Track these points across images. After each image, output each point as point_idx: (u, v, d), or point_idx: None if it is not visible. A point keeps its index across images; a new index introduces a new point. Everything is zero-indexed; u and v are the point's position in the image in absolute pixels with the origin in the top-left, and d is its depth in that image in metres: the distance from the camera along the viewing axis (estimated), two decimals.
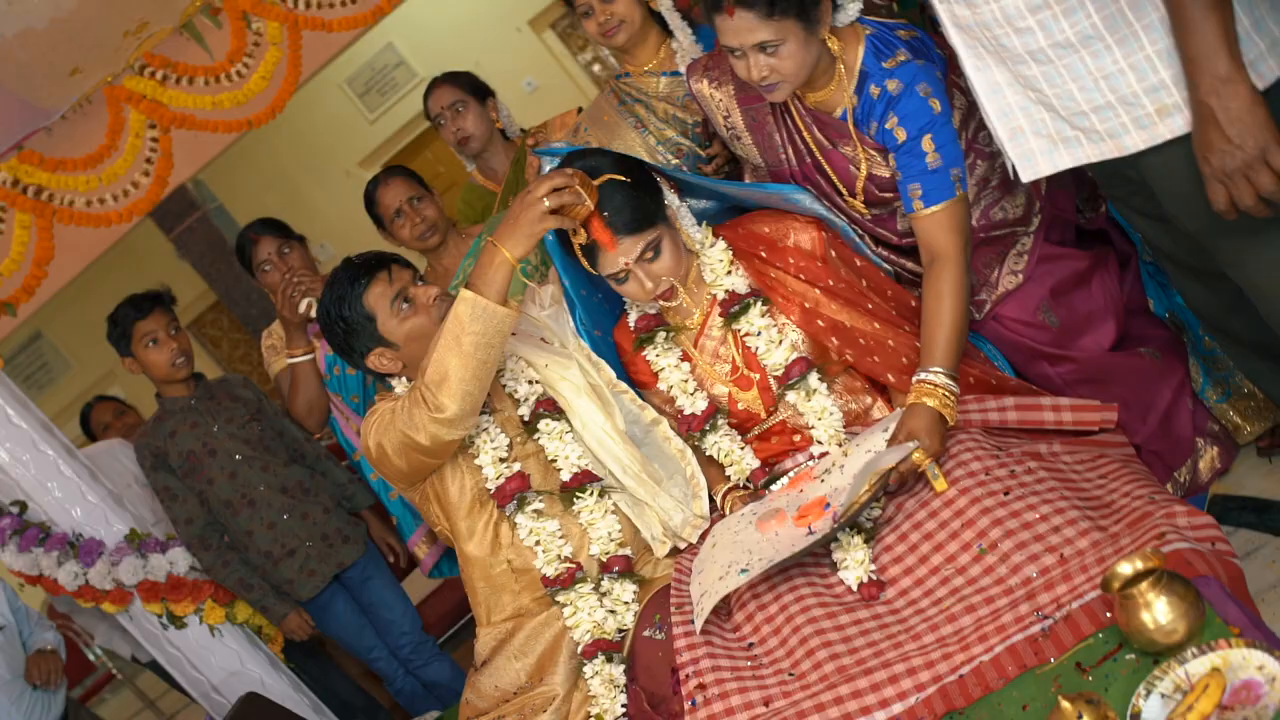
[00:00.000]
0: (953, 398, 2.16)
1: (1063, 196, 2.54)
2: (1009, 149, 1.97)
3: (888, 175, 2.36)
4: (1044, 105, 1.89)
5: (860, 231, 2.49)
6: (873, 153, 2.35)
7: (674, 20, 2.91)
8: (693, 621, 2.16)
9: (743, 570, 2.08)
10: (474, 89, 3.60)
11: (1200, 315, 2.27)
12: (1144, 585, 1.60)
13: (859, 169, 2.38)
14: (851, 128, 2.33)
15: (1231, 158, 1.68)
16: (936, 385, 2.15)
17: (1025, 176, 1.98)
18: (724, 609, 2.17)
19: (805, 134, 2.41)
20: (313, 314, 3.32)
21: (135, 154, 4.05)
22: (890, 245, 2.53)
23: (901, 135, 2.23)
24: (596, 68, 10.37)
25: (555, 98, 9.52)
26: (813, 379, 2.34)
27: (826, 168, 2.42)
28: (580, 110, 3.58)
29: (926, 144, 2.22)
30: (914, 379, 2.19)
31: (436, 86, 3.62)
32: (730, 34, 2.17)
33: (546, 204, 2.16)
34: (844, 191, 2.44)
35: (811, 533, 2.09)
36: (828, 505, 2.14)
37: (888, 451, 2.07)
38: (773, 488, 2.36)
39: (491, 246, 2.18)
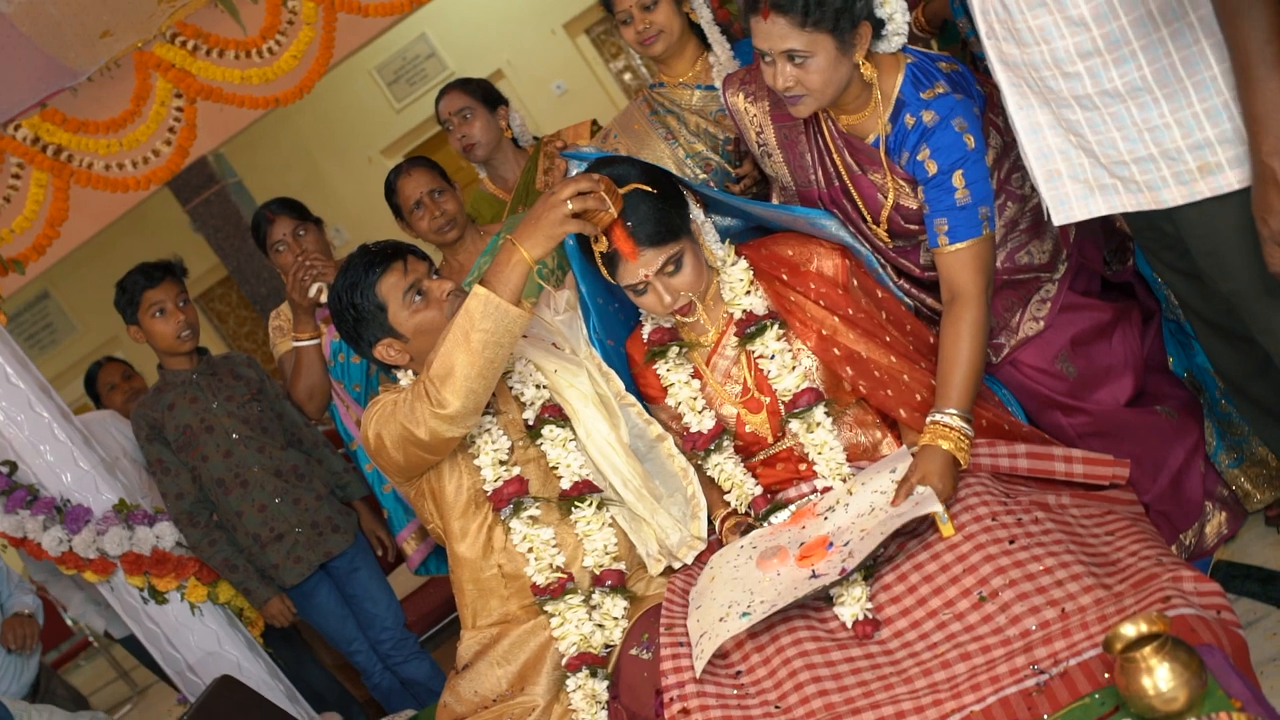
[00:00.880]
0: (967, 441, 2.13)
1: (1091, 246, 2.51)
2: (1044, 191, 1.95)
3: (915, 207, 2.33)
4: (1084, 150, 1.87)
5: (883, 261, 2.46)
6: (902, 183, 2.32)
7: (713, 34, 2.90)
8: (681, 644, 2.13)
9: (744, 614, 2.05)
10: (484, 96, 3.59)
11: (1223, 376, 2.24)
12: (1147, 650, 1.57)
13: (886, 197, 2.35)
14: (883, 155, 2.30)
15: None
16: (951, 428, 2.13)
17: (1058, 220, 1.95)
18: None
19: (836, 157, 2.39)
20: (322, 299, 3.30)
21: (159, 122, 4.04)
22: (912, 278, 2.50)
23: (932, 168, 2.20)
24: (628, 76, 10.38)
25: (583, 103, 9.54)
26: (818, 412, 2.31)
27: (854, 192, 2.40)
28: (595, 122, 3.59)
29: (957, 180, 2.19)
30: (929, 419, 2.16)
31: (447, 92, 3.62)
32: (762, 37, 2.16)
33: (570, 207, 2.12)
34: (869, 218, 2.41)
35: (815, 576, 2.05)
36: (830, 545, 2.11)
37: (908, 510, 2.02)
38: (773, 519, 2.32)
39: (509, 245, 2.15)
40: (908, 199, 2.34)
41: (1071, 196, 1.92)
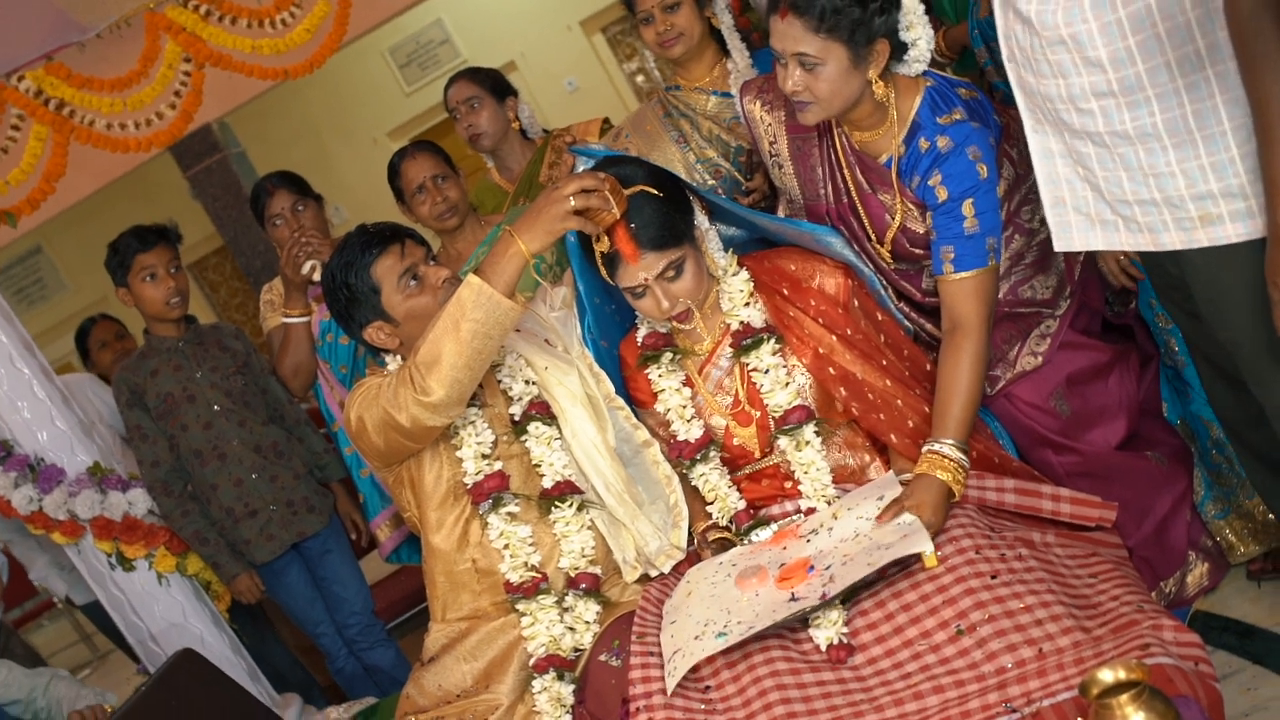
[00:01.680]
0: (963, 472, 2.12)
1: (1094, 287, 2.49)
2: (1050, 215, 1.95)
3: (921, 232, 2.31)
4: (1090, 185, 1.87)
5: (884, 282, 2.44)
6: (910, 205, 2.30)
7: (733, 41, 2.89)
8: (652, 653, 2.10)
9: (719, 634, 2.02)
10: (493, 86, 3.57)
11: (1223, 420, 2.22)
12: (1124, 697, 1.54)
13: (893, 218, 2.33)
14: (894, 176, 2.28)
15: None
16: (948, 458, 2.12)
17: (1058, 246, 1.95)
18: None
19: (846, 172, 2.37)
20: (315, 277, 3.29)
21: (165, 85, 4.00)
22: (912, 302, 2.48)
23: (943, 194, 2.19)
24: (640, 79, 10.36)
25: (594, 101, 9.52)
26: (808, 430, 2.28)
27: (861, 210, 2.38)
28: (606, 120, 3.57)
29: (967, 208, 2.17)
30: (925, 448, 2.15)
31: (456, 80, 3.61)
32: (778, 37, 2.16)
33: (572, 203, 2.10)
34: (874, 237, 2.39)
35: (794, 599, 2.03)
36: (811, 568, 2.08)
37: (896, 546, 2.00)
38: (755, 535, 2.29)
39: (508, 236, 2.12)
40: (915, 222, 2.32)
41: (1073, 226, 1.92)
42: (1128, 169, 1.79)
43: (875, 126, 2.28)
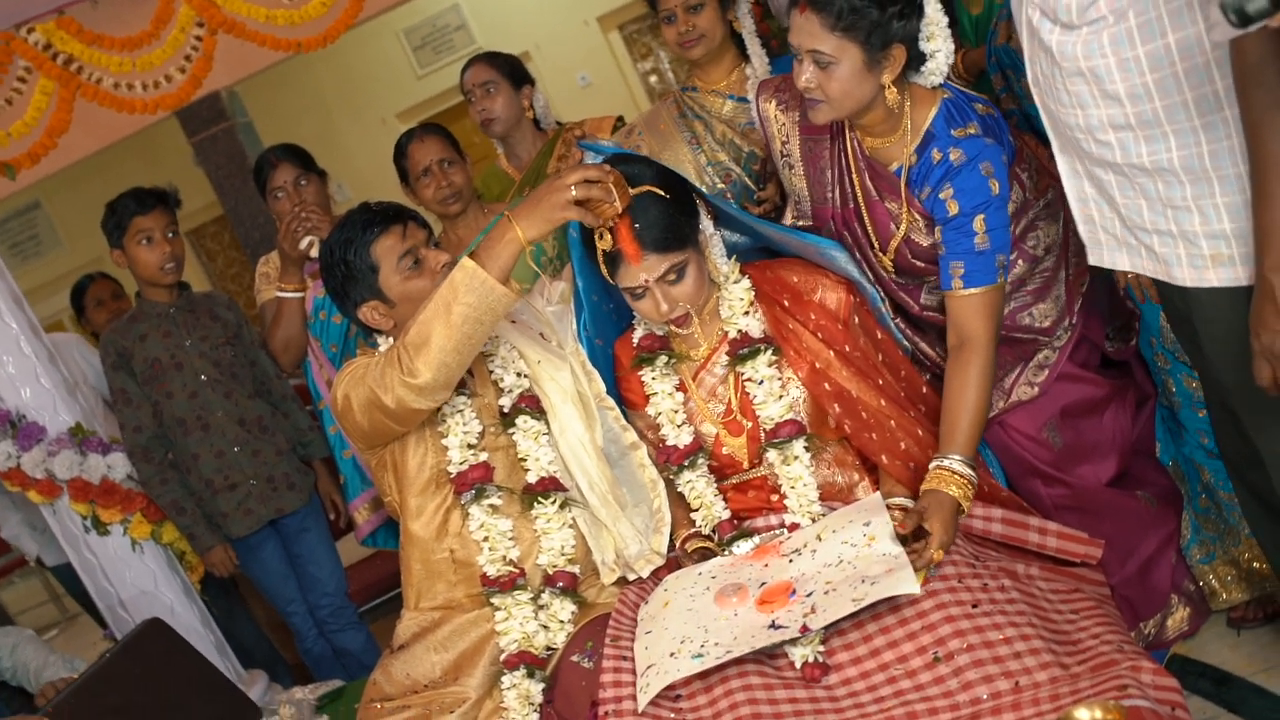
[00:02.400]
0: (971, 488, 2.10)
1: (1095, 321, 2.47)
2: (1083, 230, 1.95)
3: (925, 245, 2.29)
4: (1114, 209, 1.86)
5: (883, 294, 2.42)
6: (917, 216, 2.28)
7: (753, 46, 2.88)
8: (625, 658, 2.09)
9: (696, 656, 1.99)
10: (511, 72, 3.54)
11: (1226, 458, 2.22)
12: None
13: (899, 228, 2.31)
14: (903, 186, 2.27)
15: None
16: (958, 474, 2.10)
17: (1092, 260, 1.95)
18: None
19: (855, 178, 2.35)
20: (312, 253, 3.26)
21: (176, 48, 3.96)
22: (908, 316, 2.45)
23: (953, 208, 2.17)
24: (654, 79, 10.35)
25: (606, 98, 9.49)
26: (798, 445, 2.26)
27: (866, 217, 2.36)
28: (620, 119, 3.54)
29: (978, 224, 2.16)
30: (933, 464, 2.12)
31: (474, 63, 3.57)
32: (795, 32, 2.15)
33: (573, 192, 2.07)
34: (876, 245, 2.37)
35: (775, 627, 2.00)
36: (793, 593, 2.05)
37: (882, 582, 1.97)
38: (737, 547, 2.27)
39: (506, 222, 2.10)
40: (919, 234, 2.30)
41: (1103, 245, 1.93)
42: (1147, 198, 1.79)
43: (887, 134, 2.26)
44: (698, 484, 2.34)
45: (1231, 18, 1.35)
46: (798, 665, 1.98)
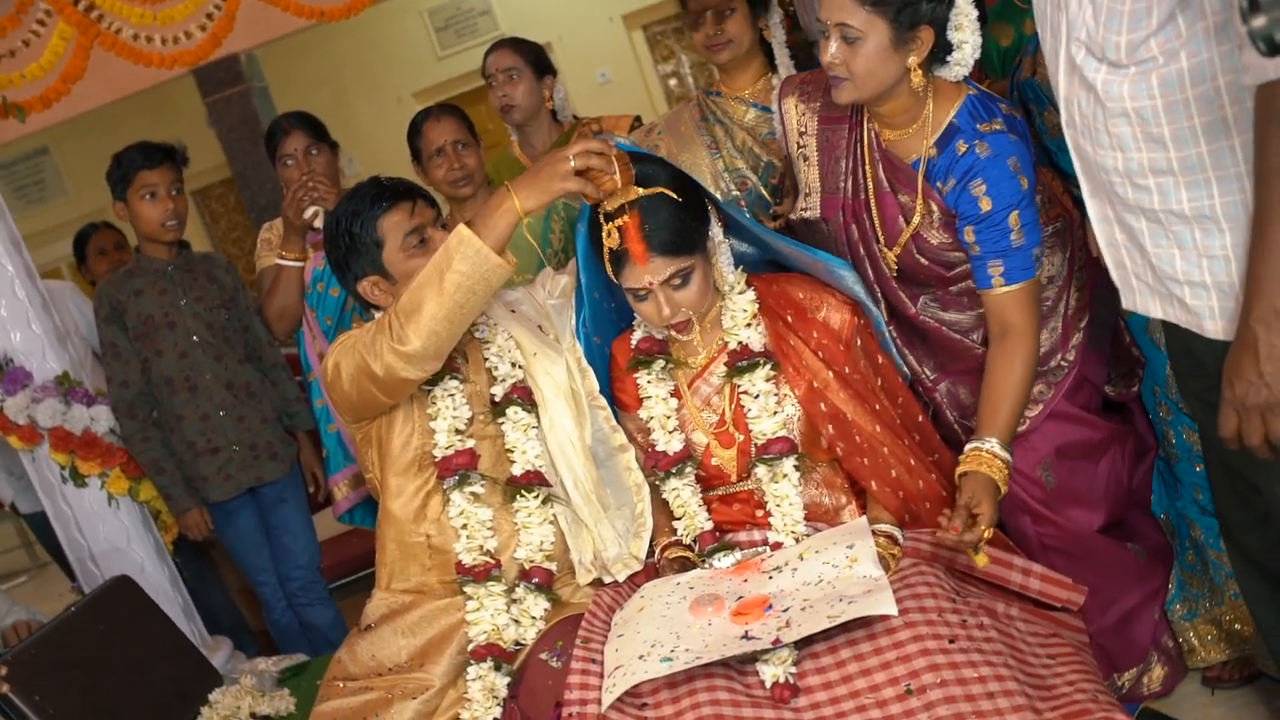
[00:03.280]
0: (1008, 470, 2.11)
1: (1096, 362, 2.45)
2: (1115, 275, 1.92)
3: (934, 242, 2.28)
4: (1144, 257, 1.83)
5: (880, 295, 2.40)
6: (933, 208, 2.25)
7: (781, 56, 2.87)
8: (594, 660, 2.06)
9: (665, 659, 1.97)
10: (534, 61, 3.52)
11: (1221, 518, 2.19)
12: None
13: (909, 222, 2.29)
14: (921, 178, 2.25)
15: (1256, 393, 1.60)
16: (997, 457, 2.11)
17: (1126, 304, 1.92)
18: None
19: (869, 169, 2.34)
20: (317, 223, 3.24)
21: (198, 5, 3.93)
22: (902, 319, 2.42)
23: (986, 205, 2.16)
24: (673, 82, 10.34)
25: (624, 96, 9.48)
26: (788, 463, 2.24)
27: (874, 210, 2.34)
28: (637, 118, 3.53)
29: (1013, 220, 2.15)
30: (970, 446, 2.13)
31: (499, 47, 3.54)
32: (825, 7, 2.15)
33: (573, 163, 2.06)
34: (882, 239, 2.35)
35: (747, 637, 1.97)
36: (769, 607, 2.03)
37: (860, 601, 1.95)
38: (717, 559, 2.24)
39: (504, 191, 2.09)
40: (930, 230, 2.28)
41: (1135, 290, 1.89)
42: (1181, 247, 1.75)
43: (906, 125, 2.25)
44: (683, 492, 2.32)
45: (1261, 46, 1.33)
46: (768, 685, 1.95)
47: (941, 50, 2.16)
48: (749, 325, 2.29)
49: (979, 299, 2.30)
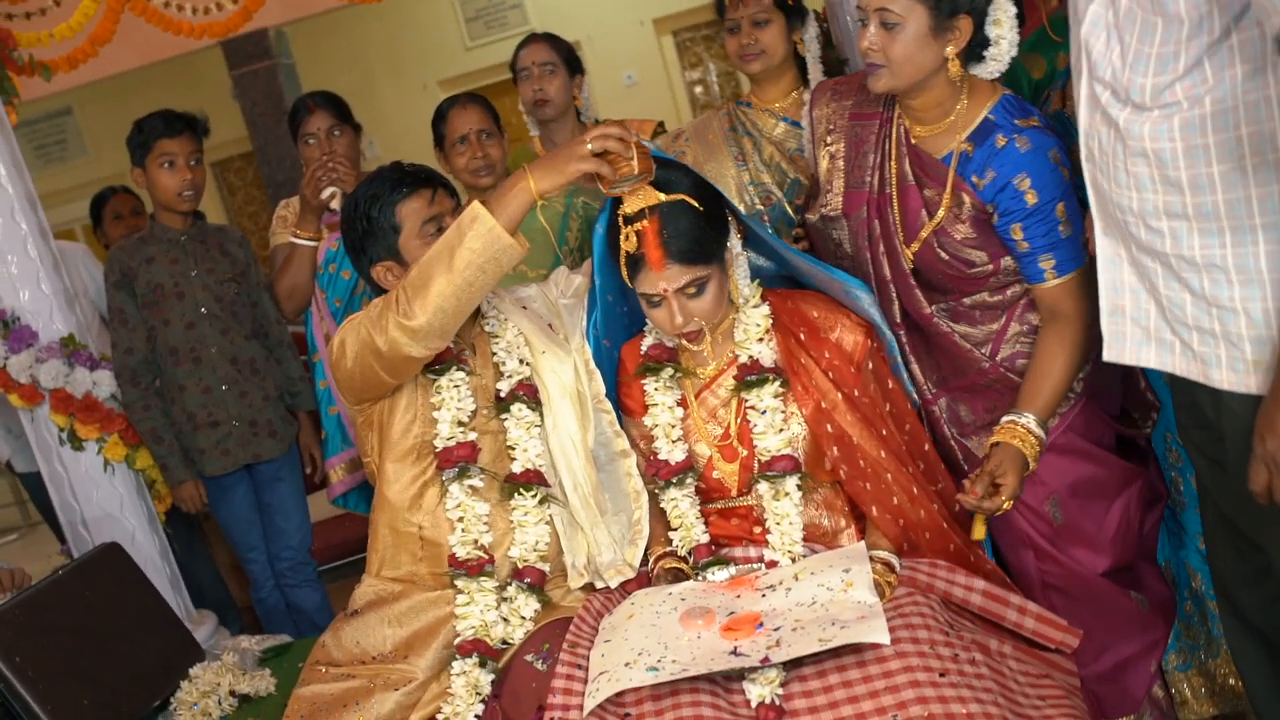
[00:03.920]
0: (1040, 447, 2.15)
1: (1109, 394, 2.41)
2: (1105, 323, 1.90)
3: (957, 238, 2.26)
4: (1154, 299, 1.81)
5: (895, 294, 2.37)
6: (964, 200, 2.23)
7: (814, 71, 2.86)
8: (580, 666, 2.04)
9: (651, 669, 1.95)
10: (568, 59, 3.51)
11: (1217, 575, 2.17)
12: None
13: (931, 216, 2.28)
14: (951, 171, 2.25)
15: None
16: (1031, 433, 2.15)
17: (1108, 356, 1.91)
18: None
19: (894, 164, 2.33)
20: (334, 205, 3.24)
21: None
22: (913, 324, 2.40)
23: (1033, 199, 2.16)
24: (699, 90, 10.32)
25: (648, 100, 9.48)
26: (790, 481, 2.22)
27: (896, 204, 2.34)
28: (661, 124, 3.52)
29: (1060, 211, 2.16)
30: (1006, 418, 2.18)
31: (535, 41, 3.52)
32: None
33: (590, 147, 2.06)
34: (902, 235, 2.34)
35: (736, 654, 1.96)
36: (760, 625, 2.01)
37: (852, 627, 1.93)
38: (710, 573, 2.22)
39: (521, 172, 2.09)
40: (954, 225, 2.26)
41: (1127, 337, 1.88)
42: (1191, 293, 1.74)
43: (938, 120, 2.26)
44: (682, 503, 2.30)
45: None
46: (753, 704, 1.93)
47: (978, 45, 2.18)
48: (761, 340, 2.27)
49: (990, 314, 2.30)
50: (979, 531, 2.08)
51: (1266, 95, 1.57)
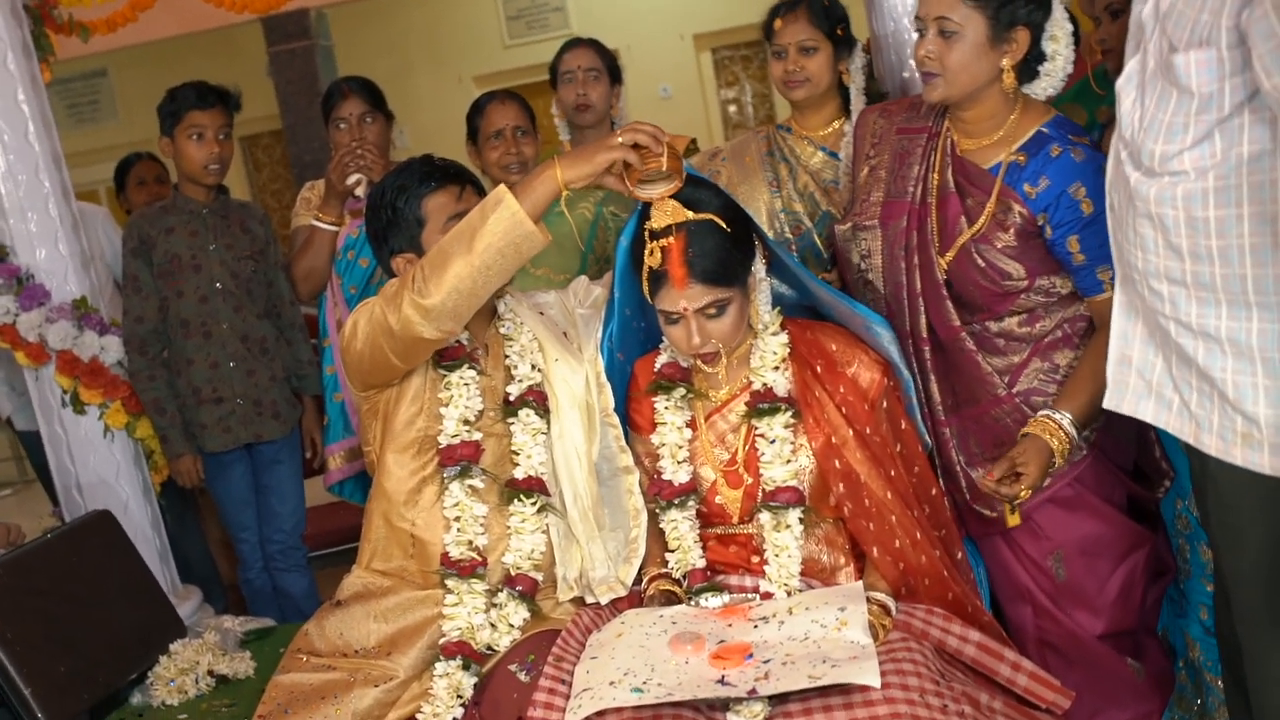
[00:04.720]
0: (1070, 445, 2.17)
1: (1122, 449, 2.37)
2: (1111, 370, 1.90)
3: (998, 245, 2.24)
4: (1162, 354, 1.79)
5: (923, 307, 2.34)
6: (1012, 206, 2.22)
7: (858, 102, 2.83)
8: (564, 681, 2.01)
9: (635, 690, 1.92)
10: (610, 66, 3.50)
11: (1222, 642, 2.14)
12: None
13: (971, 224, 2.27)
14: (999, 181, 2.24)
15: None
16: (1065, 431, 2.16)
17: (1108, 403, 1.90)
18: None
19: (937, 175, 2.33)
20: (358, 192, 3.24)
21: None
22: (937, 342, 2.35)
23: (1089, 208, 2.16)
24: (733, 108, 10.32)
25: (682, 115, 9.48)
26: (793, 514, 2.19)
27: (935, 215, 2.33)
28: (694, 141, 3.50)
29: None
30: (1042, 413, 2.19)
31: (581, 45, 3.50)
32: (924, 2, 2.20)
33: (621, 139, 2.07)
34: (938, 244, 2.32)
35: (723, 683, 1.92)
36: (750, 655, 1.98)
37: (844, 666, 1.90)
38: (704, 599, 2.19)
39: (550, 162, 2.09)
40: (996, 234, 2.24)
41: (1129, 388, 1.87)
42: (1193, 355, 1.72)
43: (988, 134, 2.27)
44: (681, 525, 2.27)
45: None
46: None
47: (1034, 60, 2.19)
48: (777, 368, 2.24)
49: (1015, 345, 2.29)
50: (1014, 520, 2.07)
51: (1273, 178, 1.55)
